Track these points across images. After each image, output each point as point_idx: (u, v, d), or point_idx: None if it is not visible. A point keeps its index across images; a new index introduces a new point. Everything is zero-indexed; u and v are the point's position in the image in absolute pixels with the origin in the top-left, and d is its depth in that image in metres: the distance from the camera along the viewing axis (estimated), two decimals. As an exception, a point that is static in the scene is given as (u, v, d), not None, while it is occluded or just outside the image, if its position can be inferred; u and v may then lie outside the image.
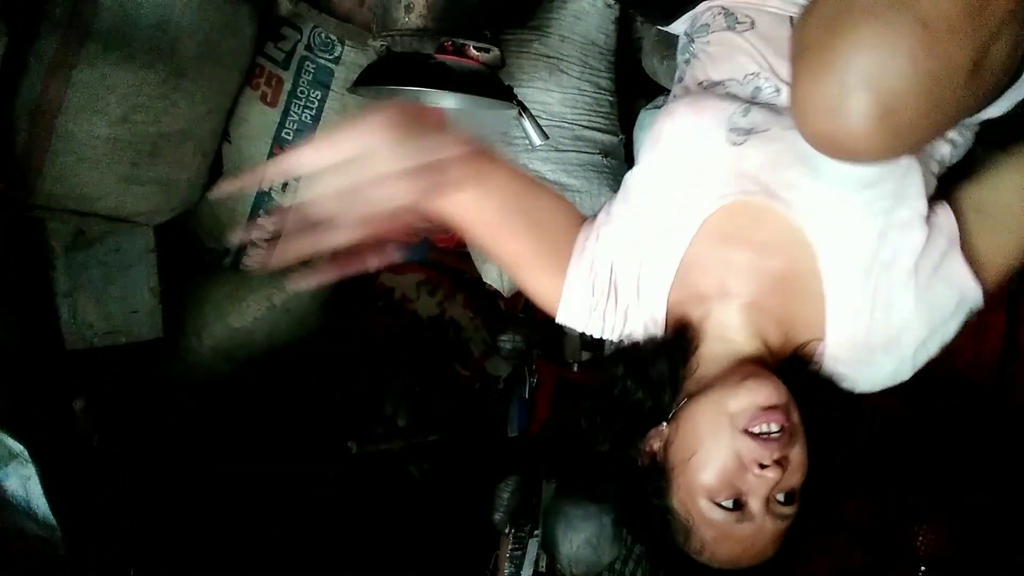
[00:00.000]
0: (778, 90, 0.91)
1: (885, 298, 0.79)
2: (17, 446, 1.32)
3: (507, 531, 2.53)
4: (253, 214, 1.92)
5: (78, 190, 1.56)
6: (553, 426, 2.70)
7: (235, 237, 1.73)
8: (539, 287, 0.92)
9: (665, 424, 0.82)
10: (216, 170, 1.86)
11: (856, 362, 0.83)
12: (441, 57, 1.32)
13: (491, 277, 1.86)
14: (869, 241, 0.79)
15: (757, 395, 0.75)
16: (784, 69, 0.91)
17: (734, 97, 0.91)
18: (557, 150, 1.75)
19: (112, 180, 1.58)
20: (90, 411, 1.59)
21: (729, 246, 0.86)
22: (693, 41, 1.07)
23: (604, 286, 0.89)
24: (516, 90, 1.46)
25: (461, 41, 1.34)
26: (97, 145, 1.52)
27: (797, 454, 0.75)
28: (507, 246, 0.90)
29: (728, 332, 0.84)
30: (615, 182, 1.82)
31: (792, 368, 0.82)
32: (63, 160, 1.51)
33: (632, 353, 0.88)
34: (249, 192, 1.88)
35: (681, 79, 1.09)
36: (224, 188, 1.70)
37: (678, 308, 0.88)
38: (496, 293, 1.91)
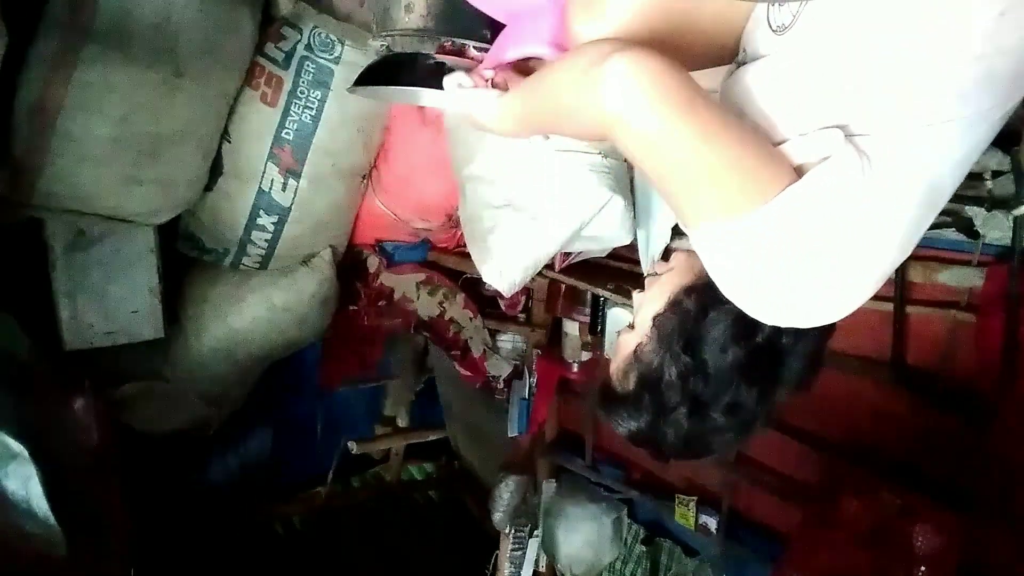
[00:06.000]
0: None
1: None
2: (17, 446, 1.32)
3: (507, 531, 2.53)
4: (253, 214, 1.92)
5: (78, 190, 1.56)
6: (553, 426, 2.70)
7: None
8: None
9: None
10: (216, 170, 1.86)
11: None
12: (441, 57, 1.32)
13: (491, 277, 1.85)
14: None
15: None
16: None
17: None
18: (557, 150, 1.75)
19: (112, 180, 1.58)
20: (90, 411, 1.59)
21: None
22: None
23: None
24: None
25: (461, 41, 1.34)
26: (97, 145, 1.52)
27: (646, 293, 0.91)
28: None
29: None
30: (615, 182, 1.81)
31: None
32: (63, 160, 1.51)
33: None
34: (249, 192, 1.89)
35: None
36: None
37: None
38: (496, 293, 1.90)
